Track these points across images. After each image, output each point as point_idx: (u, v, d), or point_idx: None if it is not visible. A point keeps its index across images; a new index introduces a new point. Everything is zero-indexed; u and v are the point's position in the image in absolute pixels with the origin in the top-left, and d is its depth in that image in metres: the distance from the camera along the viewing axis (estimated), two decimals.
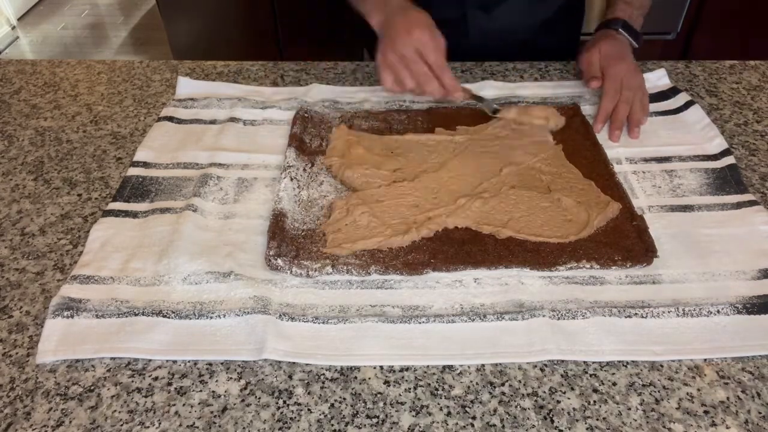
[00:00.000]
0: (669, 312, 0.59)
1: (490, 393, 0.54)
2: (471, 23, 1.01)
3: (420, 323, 0.59)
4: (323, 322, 0.59)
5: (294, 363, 0.56)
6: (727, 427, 0.51)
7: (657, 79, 0.94)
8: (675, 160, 0.78)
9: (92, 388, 0.55)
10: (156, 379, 0.56)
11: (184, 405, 0.53)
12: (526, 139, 0.81)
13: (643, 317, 0.59)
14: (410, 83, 0.77)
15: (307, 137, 0.83)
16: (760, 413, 0.52)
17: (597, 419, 0.52)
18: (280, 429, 0.51)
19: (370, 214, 0.69)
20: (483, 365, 0.56)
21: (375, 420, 0.52)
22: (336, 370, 0.56)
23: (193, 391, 0.55)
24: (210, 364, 0.57)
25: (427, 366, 0.56)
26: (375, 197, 0.72)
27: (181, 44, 2.46)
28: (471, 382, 0.55)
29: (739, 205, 0.71)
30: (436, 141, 0.82)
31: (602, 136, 0.82)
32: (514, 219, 0.68)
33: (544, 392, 0.54)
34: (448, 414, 0.52)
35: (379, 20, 0.81)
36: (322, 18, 2.24)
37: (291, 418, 0.52)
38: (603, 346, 0.57)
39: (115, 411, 0.53)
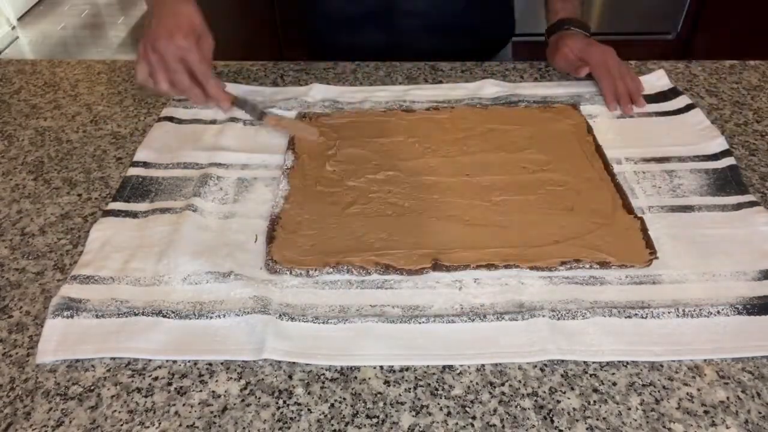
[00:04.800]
0: (669, 312, 0.59)
1: (490, 393, 0.54)
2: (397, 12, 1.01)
3: (420, 323, 0.59)
4: (323, 322, 0.59)
5: (294, 363, 0.56)
6: (727, 427, 0.51)
7: (656, 79, 0.94)
8: (675, 161, 0.78)
9: (92, 388, 0.55)
10: (156, 379, 0.56)
11: (184, 405, 0.53)
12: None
13: (643, 317, 0.58)
14: (164, 85, 0.73)
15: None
16: (760, 413, 0.52)
17: (597, 419, 0.52)
18: (280, 429, 0.51)
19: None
20: (483, 365, 0.56)
21: (375, 420, 0.52)
22: (336, 370, 0.56)
23: (193, 391, 0.55)
24: (210, 364, 0.57)
25: (427, 366, 0.56)
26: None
27: None
28: (471, 382, 0.55)
29: (739, 206, 0.70)
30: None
31: (602, 137, 0.82)
32: (532, 249, 0.65)
33: (544, 392, 0.54)
34: (448, 414, 0.52)
35: (150, 8, 0.75)
36: None
37: (291, 418, 0.52)
38: (603, 346, 0.57)
39: (115, 411, 0.53)
